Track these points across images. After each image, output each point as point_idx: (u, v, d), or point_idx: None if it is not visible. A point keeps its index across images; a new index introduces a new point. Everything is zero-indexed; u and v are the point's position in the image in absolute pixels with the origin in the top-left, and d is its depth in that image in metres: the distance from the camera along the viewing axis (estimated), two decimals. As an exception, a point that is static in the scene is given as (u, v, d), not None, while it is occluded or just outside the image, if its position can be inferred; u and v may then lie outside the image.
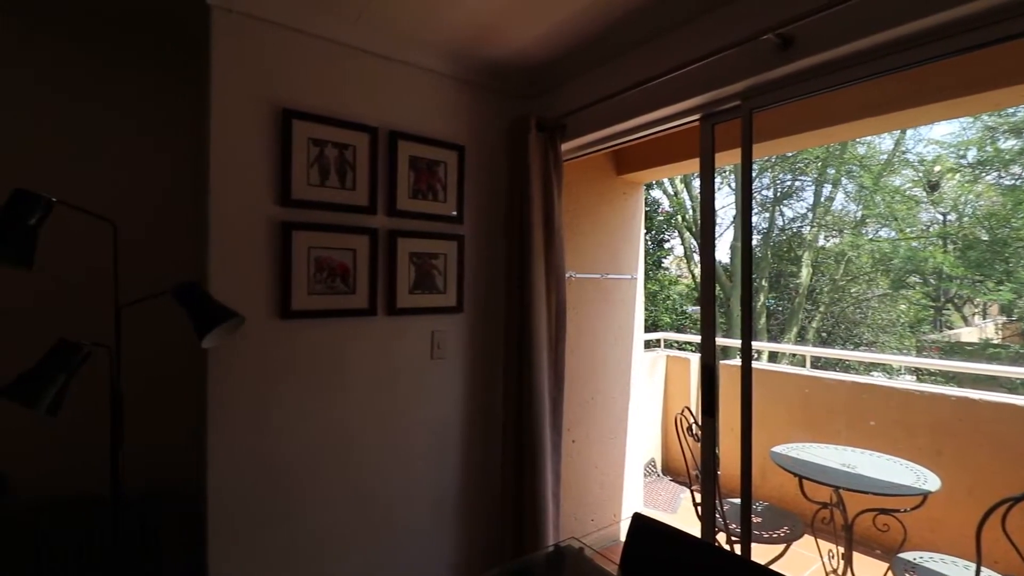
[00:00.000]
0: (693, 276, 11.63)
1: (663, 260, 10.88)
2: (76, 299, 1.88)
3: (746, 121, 1.74)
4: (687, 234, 11.25)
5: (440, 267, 2.14)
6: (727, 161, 2.95)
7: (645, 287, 7.29)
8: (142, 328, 1.71)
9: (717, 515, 2.07)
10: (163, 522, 1.85)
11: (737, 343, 2.07)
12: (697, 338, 2.21)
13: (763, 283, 10.92)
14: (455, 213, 2.19)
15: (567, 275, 2.27)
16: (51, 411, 1.27)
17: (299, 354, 1.83)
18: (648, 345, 4.38)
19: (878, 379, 3.89)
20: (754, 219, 11.57)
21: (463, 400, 2.24)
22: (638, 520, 1.40)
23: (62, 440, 1.88)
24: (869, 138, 10.28)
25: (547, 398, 2.18)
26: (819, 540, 2.54)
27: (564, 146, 2.31)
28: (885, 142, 10.47)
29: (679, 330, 10.33)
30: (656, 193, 10.67)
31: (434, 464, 2.16)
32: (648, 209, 10.05)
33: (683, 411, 2.45)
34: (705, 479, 1.96)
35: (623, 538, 2.30)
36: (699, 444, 2.12)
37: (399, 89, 2.07)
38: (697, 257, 11.07)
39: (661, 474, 4.22)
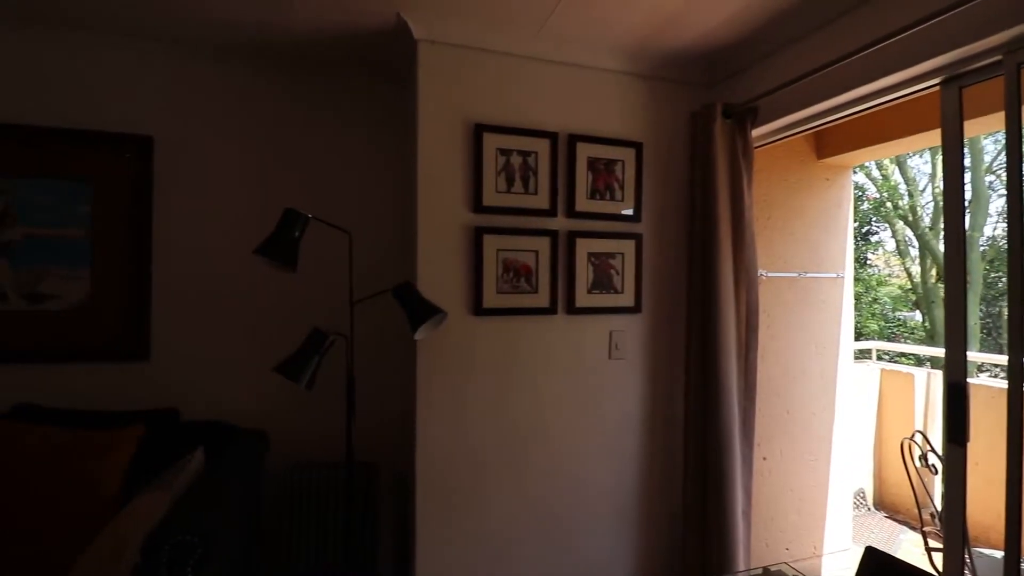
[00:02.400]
0: (909, 275, 9.66)
1: (868, 256, 9.25)
2: (321, 295, 2.28)
3: (1011, 78, 1.39)
4: (900, 224, 9.39)
5: (618, 267, 2.12)
6: (972, 131, 2.39)
7: (846, 288, 6.25)
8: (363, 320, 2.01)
9: (966, 570, 1.68)
10: (379, 485, 2.15)
11: (982, 358, 1.65)
12: (917, 349, 1.82)
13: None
14: (632, 211, 2.16)
15: (759, 274, 2.06)
16: (309, 386, 1.57)
17: (488, 349, 1.97)
18: (857, 356, 3.76)
19: None
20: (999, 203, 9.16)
21: (641, 402, 2.19)
22: (874, 557, 1.20)
23: (306, 412, 2.31)
24: None
25: (736, 407, 2.01)
26: None
27: (754, 132, 2.11)
28: None
29: (889, 339, 8.70)
30: (858, 177, 9.13)
31: (612, 466, 2.15)
32: (848, 198, 8.59)
33: (913, 436, 2.04)
34: (950, 522, 1.60)
35: None
36: (935, 477, 1.74)
37: (577, 93, 2.11)
38: (914, 251, 9.17)
39: (872, 508, 3.59)
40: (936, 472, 1.81)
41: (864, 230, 9.07)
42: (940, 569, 1.82)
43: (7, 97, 1.98)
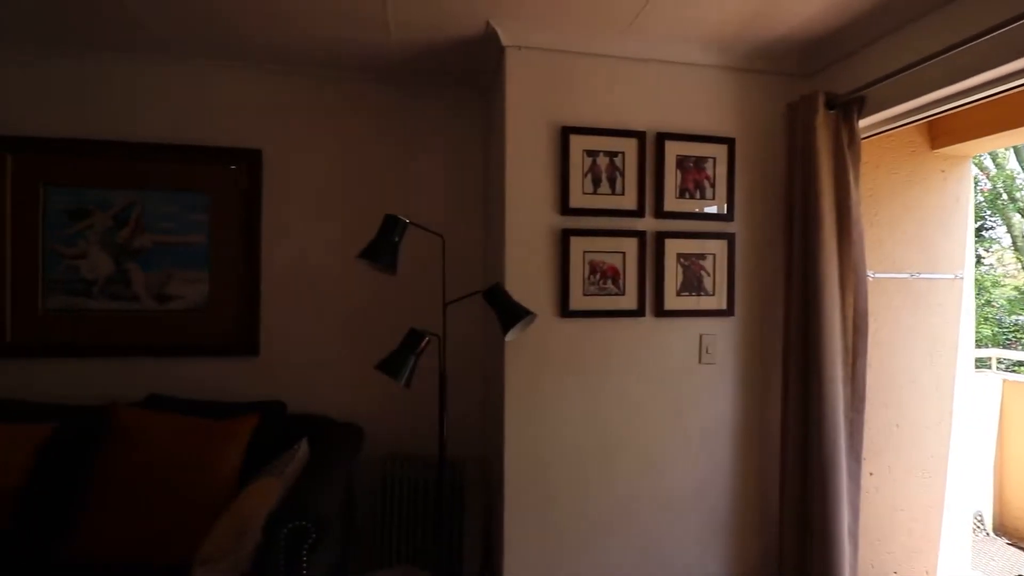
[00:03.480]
0: (1030, 275, 8.60)
1: (981, 254, 8.33)
2: (410, 297, 2.38)
3: None
4: (1017, 218, 8.38)
5: (709, 268, 2.05)
6: None
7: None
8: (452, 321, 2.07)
9: None
10: (465, 481, 2.20)
11: None
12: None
13: None
14: (725, 210, 2.07)
15: (867, 275, 1.92)
16: (407, 384, 1.63)
17: (575, 350, 1.97)
18: (976, 365, 3.40)
19: None
20: None
21: (734, 409, 2.10)
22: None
23: (395, 408, 2.41)
24: None
25: (842, 418, 1.88)
26: None
27: (861, 123, 1.96)
28: None
29: (1004, 346, 7.79)
30: (966, 168, 8.23)
31: (700, 473, 2.08)
32: (954, 190, 7.80)
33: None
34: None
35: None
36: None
37: (665, 90, 2.06)
38: (1038, 249, 8.14)
39: (992, 533, 3.23)
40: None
41: (977, 225, 8.17)
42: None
43: (137, 119, 2.21)
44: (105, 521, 1.73)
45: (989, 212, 8.21)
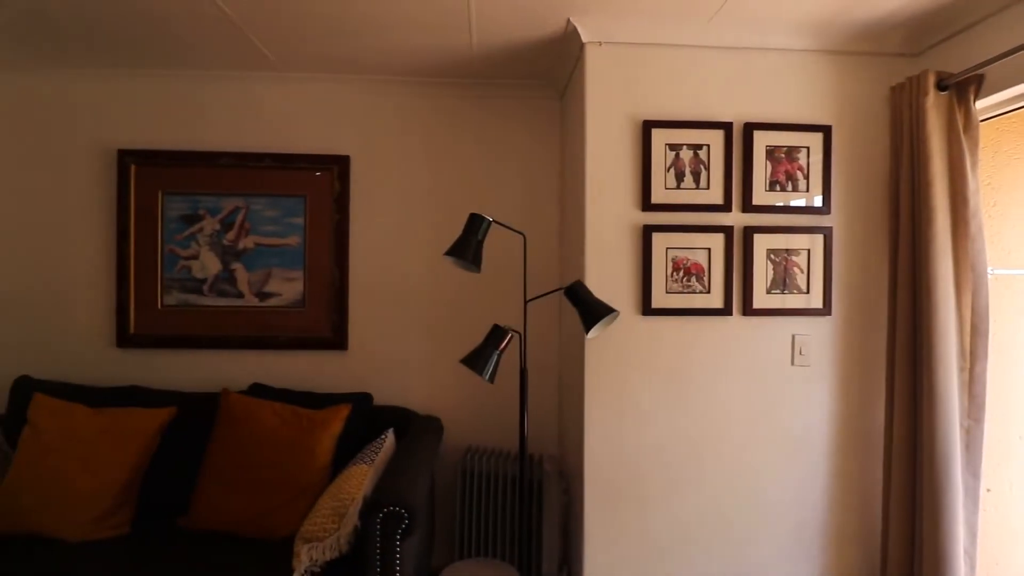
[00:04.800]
0: None
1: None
2: (488, 295, 2.44)
3: None
4: None
5: (802, 264, 1.94)
6: None
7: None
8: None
9: None
10: (544, 475, 2.21)
11: None
12: None
13: None
14: (820, 203, 1.95)
15: (988, 272, 1.74)
16: (491, 379, 1.67)
17: (657, 350, 1.93)
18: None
19: None
20: None
21: (831, 415, 1.97)
22: None
23: (473, 402, 2.47)
24: None
25: (958, 428, 1.72)
26: None
27: (979, 104, 1.78)
28: None
29: None
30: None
31: (791, 482, 1.97)
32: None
33: None
34: None
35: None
36: None
37: (753, 78, 1.97)
38: None
39: None
40: None
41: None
42: None
43: (241, 130, 2.41)
44: (217, 495, 1.90)
45: None
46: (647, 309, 1.90)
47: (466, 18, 1.88)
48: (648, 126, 1.90)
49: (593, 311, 1.66)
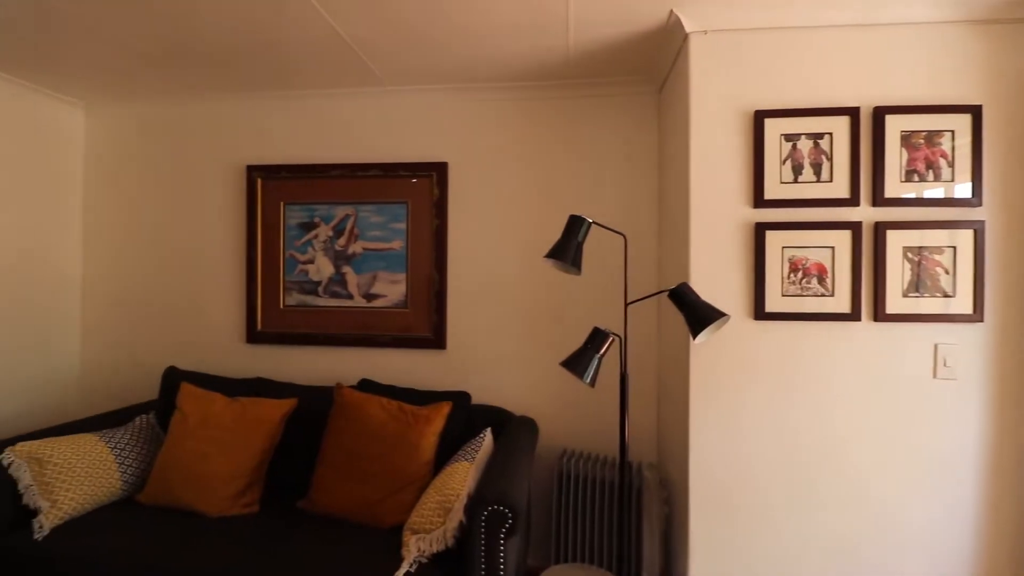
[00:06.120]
0: None
1: None
2: (581, 297, 2.41)
3: None
4: None
5: (947, 264, 1.71)
6: None
7: None
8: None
9: None
10: (643, 482, 2.15)
11: None
12: None
13: None
14: (969, 193, 1.71)
15: None
16: (592, 383, 1.64)
17: (770, 357, 1.80)
18: None
19: None
20: None
21: (982, 435, 1.72)
22: None
23: (568, 404, 2.45)
24: None
25: None
26: None
27: None
28: None
29: None
30: None
31: (932, 509, 1.74)
32: None
33: None
34: None
35: None
36: None
37: (882, 57, 1.77)
38: None
39: None
40: None
41: None
42: None
43: (350, 142, 2.58)
44: (331, 482, 2.04)
45: None
46: (760, 313, 1.77)
47: (564, 18, 1.87)
48: (760, 116, 1.78)
49: (701, 315, 1.57)
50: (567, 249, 1.67)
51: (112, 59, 2.26)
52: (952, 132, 1.72)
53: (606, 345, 1.67)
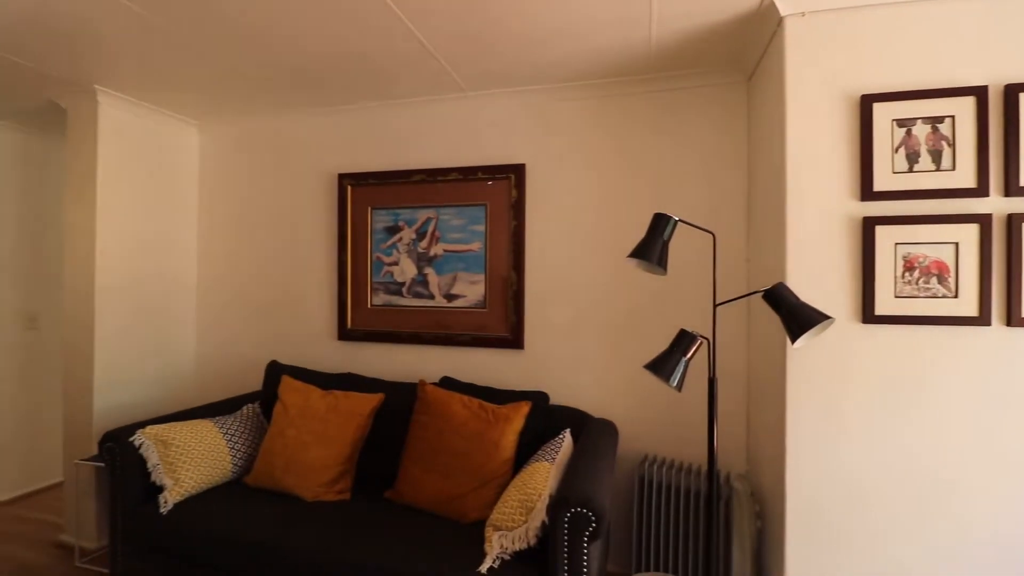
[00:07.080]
0: None
1: None
2: (661, 298, 2.34)
3: None
4: None
5: (1104, 260, 1.48)
6: None
7: None
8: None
9: None
10: (731, 494, 2.04)
11: None
12: None
13: None
14: None
15: None
16: (679, 387, 1.58)
17: (880, 364, 1.64)
18: None
19: None
20: None
21: None
22: None
23: (648, 408, 2.38)
24: None
25: None
26: None
27: None
28: None
29: None
30: None
31: (1086, 543, 1.51)
32: None
33: None
34: None
35: None
36: None
37: (1014, 27, 1.56)
38: None
39: None
40: None
41: None
42: None
43: (431, 147, 2.67)
44: (416, 475, 2.12)
45: None
46: (869, 316, 1.63)
47: (647, 10, 1.82)
48: (868, 101, 1.63)
49: (801, 318, 1.47)
50: (652, 248, 1.63)
51: (221, 81, 2.49)
52: (1110, 108, 1.49)
53: (694, 348, 1.61)
